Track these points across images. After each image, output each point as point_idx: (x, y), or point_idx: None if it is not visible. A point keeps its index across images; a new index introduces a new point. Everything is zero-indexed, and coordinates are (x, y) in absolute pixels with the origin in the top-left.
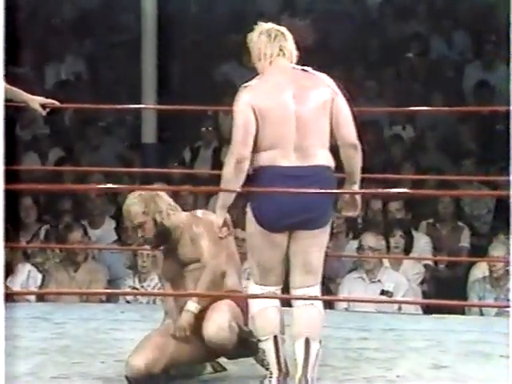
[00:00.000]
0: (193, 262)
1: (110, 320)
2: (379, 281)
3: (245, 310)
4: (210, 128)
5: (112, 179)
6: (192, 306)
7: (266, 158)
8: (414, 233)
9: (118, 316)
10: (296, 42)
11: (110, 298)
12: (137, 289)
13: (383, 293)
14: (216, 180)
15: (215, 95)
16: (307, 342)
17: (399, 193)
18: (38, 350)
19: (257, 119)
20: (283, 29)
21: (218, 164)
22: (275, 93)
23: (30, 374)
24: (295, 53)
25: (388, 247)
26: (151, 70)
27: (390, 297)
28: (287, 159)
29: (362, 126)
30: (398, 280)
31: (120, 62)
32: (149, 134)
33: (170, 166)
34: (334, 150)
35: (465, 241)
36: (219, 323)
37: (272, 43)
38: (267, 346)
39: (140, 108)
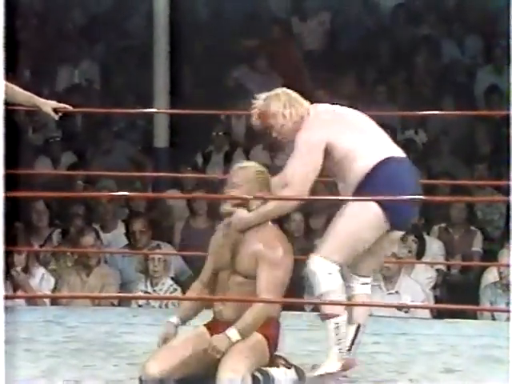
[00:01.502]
0: (249, 277)
1: (122, 324)
2: (397, 292)
3: (273, 339)
4: (220, 133)
5: (124, 183)
6: (234, 335)
7: (372, 158)
8: (426, 237)
9: (130, 320)
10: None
11: (122, 302)
12: (149, 293)
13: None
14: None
15: (227, 100)
16: (358, 328)
17: (411, 199)
18: (51, 353)
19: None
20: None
21: (229, 168)
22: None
23: (43, 377)
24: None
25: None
26: (163, 75)
27: (406, 312)
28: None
29: None
30: (415, 291)
31: (132, 67)
32: (161, 139)
33: (182, 170)
34: None
35: (477, 245)
36: (232, 378)
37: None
38: (342, 321)
39: (152, 112)
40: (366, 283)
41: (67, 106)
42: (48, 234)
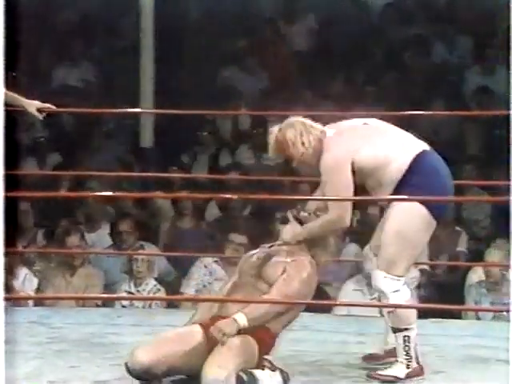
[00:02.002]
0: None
1: (106, 324)
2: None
3: (265, 347)
4: (205, 133)
5: (111, 183)
6: (242, 319)
7: (405, 157)
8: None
9: (114, 320)
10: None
11: (106, 303)
12: (132, 293)
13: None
14: (213, 185)
15: (216, 100)
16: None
17: (399, 199)
18: (36, 354)
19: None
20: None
21: (215, 168)
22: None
23: (28, 379)
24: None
25: None
26: (149, 74)
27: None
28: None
29: None
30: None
31: (120, 67)
32: (147, 139)
33: (168, 170)
34: None
35: (462, 245)
36: (217, 374)
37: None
38: (412, 334)
39: (138, 112)
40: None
41: (51, 106)
42: (32, 234)
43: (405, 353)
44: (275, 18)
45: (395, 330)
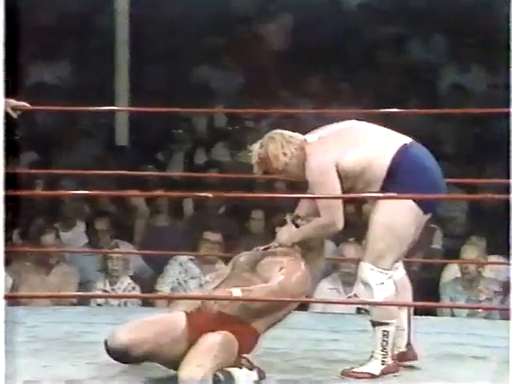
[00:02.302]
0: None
1: (82, 323)
2: (355, 295)
3: (246, 347)
4: (180, 131)
5: (86, 181)
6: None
7: (387, 153)
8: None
9: (90, 319)
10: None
11: (82, 301)
12: (107, 291)
13: (359, 310)
14: (188, 182)
15: (191, 98)
16: (409, 311)
17: (372, 196)
18: (11, 354)
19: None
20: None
21: (190, 166)
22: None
23: (2, 379)
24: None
25: None
26: (125, 73)
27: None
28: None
29: None
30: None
31: (95, 65)
32: (122, 137)
33: (143, 168)
34: None
35: (437, 242)
36: (194, 374)
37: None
38: (391, 329)
39: (113, 110)
40: (398, 267)
41: (26, 104)
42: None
43: (381, 348)
44: (251, 16)
45: (375, 324)
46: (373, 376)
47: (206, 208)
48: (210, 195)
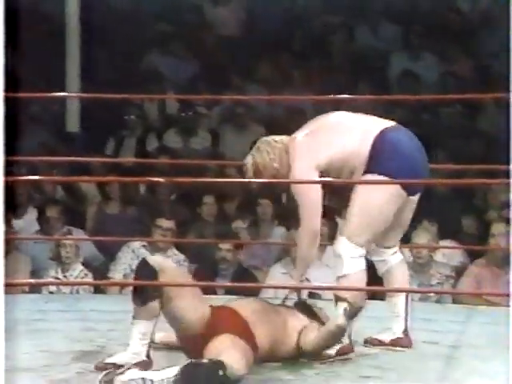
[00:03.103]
0: None
1: (34, 311)
2: (307, 279)
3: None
4: (132, 116)
5: (38, 168)
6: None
7: (367, 139)
8: (338, 220)
9: (41, 306)
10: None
11: (34, 289)
12: (59, 279)
13: (310, 294)
14: (140, 169)
15: (141, 84)
16: (407, 297)
17: (323, 181)
18: None
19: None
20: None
21: (142, 153)
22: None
23: None
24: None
25: None
26: (75, 59)
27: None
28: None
29: (289, 115)
30: (325, 275)
31: (46, 51)
32: (73, 123)
33: (94, 154)
34: None
35: None
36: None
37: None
38: (352, 308)
39: (64, 96)
40: (395, 252)
41: None
42: None
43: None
44: (201, 3)
45: (338, 299)
46: (328, 356)
47: (157, 194)
48: (162, 180)
